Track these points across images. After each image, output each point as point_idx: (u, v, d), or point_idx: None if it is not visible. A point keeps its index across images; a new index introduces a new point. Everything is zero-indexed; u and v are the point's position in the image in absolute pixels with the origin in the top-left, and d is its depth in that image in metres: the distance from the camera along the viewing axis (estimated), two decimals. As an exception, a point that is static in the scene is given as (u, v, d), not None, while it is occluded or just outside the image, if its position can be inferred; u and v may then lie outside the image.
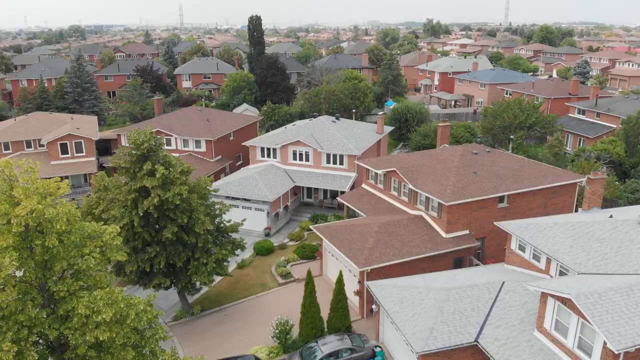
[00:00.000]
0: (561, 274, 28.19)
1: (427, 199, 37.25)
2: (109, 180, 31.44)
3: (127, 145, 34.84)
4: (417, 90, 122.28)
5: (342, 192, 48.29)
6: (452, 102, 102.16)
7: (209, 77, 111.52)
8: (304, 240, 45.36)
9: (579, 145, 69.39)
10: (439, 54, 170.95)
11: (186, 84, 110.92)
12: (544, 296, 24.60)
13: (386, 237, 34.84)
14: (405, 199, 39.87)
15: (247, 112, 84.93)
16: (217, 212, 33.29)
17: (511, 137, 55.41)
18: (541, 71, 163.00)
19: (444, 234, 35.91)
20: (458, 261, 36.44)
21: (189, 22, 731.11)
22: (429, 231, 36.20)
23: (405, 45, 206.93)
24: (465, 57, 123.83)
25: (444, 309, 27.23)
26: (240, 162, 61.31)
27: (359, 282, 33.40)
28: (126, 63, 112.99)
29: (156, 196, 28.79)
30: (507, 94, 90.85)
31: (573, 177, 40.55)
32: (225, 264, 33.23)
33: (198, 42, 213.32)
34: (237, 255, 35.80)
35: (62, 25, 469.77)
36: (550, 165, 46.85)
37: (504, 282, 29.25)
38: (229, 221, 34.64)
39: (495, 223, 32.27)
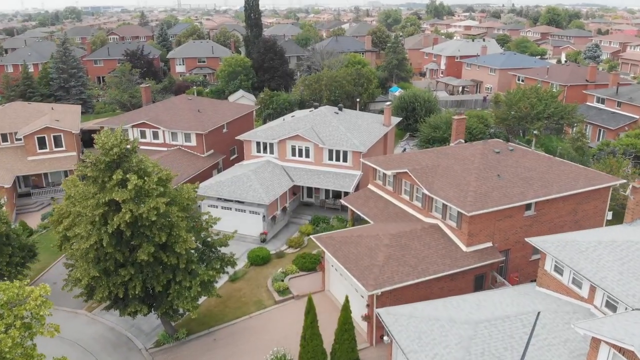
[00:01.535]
0: (608, 305, 23.80)
1: (445, 206, 32.69)
2: (75, 190, 26.79)
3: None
4: (423, 75, 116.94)
5: (346, 193, 43.75)
6: (460, 88, 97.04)
7: (204, 61, 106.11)
8: (303, 247, 40.92)
9: (599, 137, 64.70)
10: (442, 36, 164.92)
11: (180, 68, 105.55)
12: (596, 341, 20.21)
13: (398, 251, 30.35)
14: (419, 204, 35.30)
15: (243, 99, 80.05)
16: (203, 224, 28.72)
17: (534, 132, 50.59)
18: (549, 54, 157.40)
19: (464, 248, 31.41)
20: (479, 278, 32.03)
21: (187, 3, 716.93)
22: (446, 244, 31.69)
23: (408, 27, 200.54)
24: (473, 40, 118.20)
25: (471, 348, 22.83)
26: (235, 155, 56.62)
27: (368, 305, 28.98)
28: (117, 46, 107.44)
29: (128, 211, 24.20)
30: (519, 80, 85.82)
31: (607, 180, 35.90)
32: (214, 283, 28.71)
33: (195, 23, 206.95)
34: (227, 273, 31.34)
35: (59, 7, 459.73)
36: (577, 164, 42.29)
37: (539, 313, 24.83)
38: (217, 234, 30.10)
39: (527, 240, 27.73)
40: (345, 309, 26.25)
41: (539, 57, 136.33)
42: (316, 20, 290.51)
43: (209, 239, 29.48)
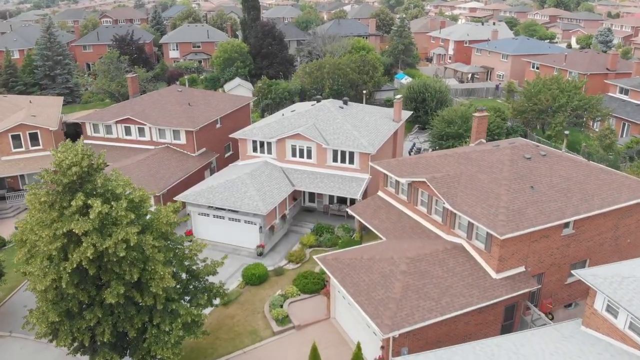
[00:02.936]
0: (681, 360, 19.43)
1: (471, 223, 28.12)
2: (30, 216, 22.01)
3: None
4: (429, 60, 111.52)
5: (353, 199, 39.24)
6: (470, 75, 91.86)
7: (199, 46, 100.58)
8: (305, 262, 36.46)
9: (623, 131, 59.89)
10: (447, 19, 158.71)
11: (173, 54, 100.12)
12: None
13: (418, 280, 25.87)
14: (438, 218, 30.73)
15: (239, 87, 75.06)
16: (186, 252, 24.15)
17: (566, 132, 45.69)
18: (558, 38, 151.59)
19: (493, 274, 26.93)
20: (510, 309, 27.62)
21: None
22: (473, 270, 27.19)
23: (412, 9, 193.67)
24: (482, 24, 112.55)
25: (515, 420, 18.49)
26: (230, 152, 51.92)
27: (382, 347, 24.56)
28: (107, 30, 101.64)
29: (90, 246, 19.64)
30: (533, 67, 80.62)
31: (654, 190, 31.32)
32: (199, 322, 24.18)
33: (193, 5, 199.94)
34: (216, 306, 26.86)
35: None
36: (610, 168, 37.82)
37: (593, 367, 20.45)
38: (204, 260, 25.56)
39: (574, 272, 23.18)
40: (357, 357, 21.87)
41: (548, 41, 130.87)
42: (317, 1, 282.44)
43: (194, 267, 24.96)
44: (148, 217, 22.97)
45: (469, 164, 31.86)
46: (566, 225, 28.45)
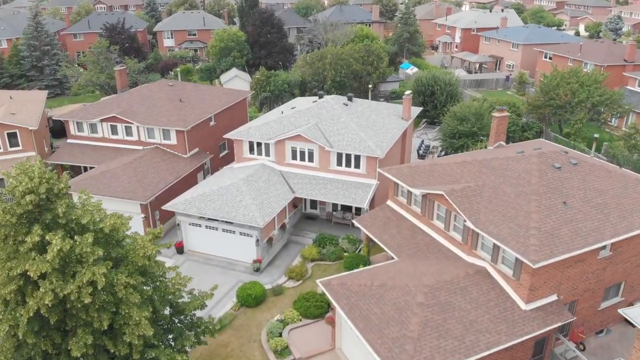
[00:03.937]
0: None
1: (496, 245, 24.70)
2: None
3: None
4: (435, 48, 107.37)
5: (359, 210, 35.85)
6: (477, 65, 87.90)
7: (195, 34, 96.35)
8: (306, 278, 33.11)
9: (644, 126, 56.25)
10: (451, 5, 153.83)
11: (168, 42, 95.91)
12: None
13: (437, 314, 22.51)
14: (458, 236, 27.31)
15: (236, 79, 71.29)
16: (169, 286, 20.74)
17: (595, 135, 42.00)
18: (566, 26, 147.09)
19: (523, 305, 23.56)
20: (540, 343, 24.34)
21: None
22: (499, 300, 23.82)
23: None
24: (490, 11, 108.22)
25: None
26: (225, 151, 48.31)
27: (397, 394, 21.28)
28: (98, 18, 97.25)
29: (48, 292, 16.24)
30: (546, 57, 76.66)
31: (698, 204, 27.86)
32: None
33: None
34: (205, 343, 23.48)
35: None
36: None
37: None
38: (190, 292, 22.18)
39: (621, 312, 19.74)
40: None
41: (556, 28, 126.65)
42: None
43: (179, 301, 21.58)
44: (125, 242, 19.59)
45: (491, 173, 28.34)
46: (603, 247, 25.08)
